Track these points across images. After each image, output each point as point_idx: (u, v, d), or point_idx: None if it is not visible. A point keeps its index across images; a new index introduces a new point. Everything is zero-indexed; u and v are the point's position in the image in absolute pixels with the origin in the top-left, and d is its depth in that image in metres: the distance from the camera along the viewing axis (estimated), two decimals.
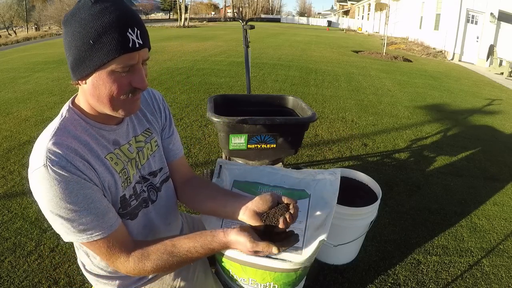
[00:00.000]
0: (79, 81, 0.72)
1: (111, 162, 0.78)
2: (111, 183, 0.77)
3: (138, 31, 0.68)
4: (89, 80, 0.70)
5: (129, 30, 0.67)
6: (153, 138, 0.93)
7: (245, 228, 0.77)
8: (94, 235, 0.71)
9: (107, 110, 0.74)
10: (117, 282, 0.91)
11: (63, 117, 0.75)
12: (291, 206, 0.78)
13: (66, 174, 0.67)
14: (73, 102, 0.79)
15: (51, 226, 0.72)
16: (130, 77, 0.71)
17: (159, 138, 0.97)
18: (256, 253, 0.75)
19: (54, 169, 0.66)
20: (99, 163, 0.75)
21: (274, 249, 0.74)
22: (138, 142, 0.88)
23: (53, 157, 0.66)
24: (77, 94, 0.79)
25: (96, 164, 0.74)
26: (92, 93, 0.72)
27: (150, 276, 0.93)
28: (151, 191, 0.92)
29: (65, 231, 0.71)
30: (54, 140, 0.69)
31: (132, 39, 0.67)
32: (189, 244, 0.77)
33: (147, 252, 0.76)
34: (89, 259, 0.87)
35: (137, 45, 0.68)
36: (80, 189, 0.68)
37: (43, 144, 0.69)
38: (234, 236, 0.75)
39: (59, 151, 0.67)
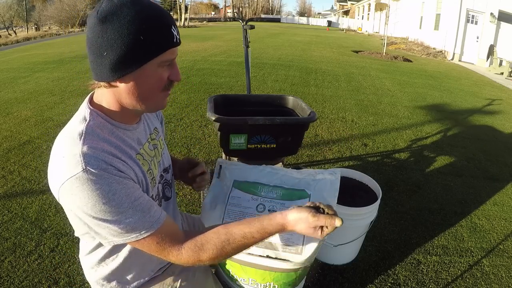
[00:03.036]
0: (118, 80, 0.70)
1: (140, 162, 0.79)
2: (143, 183, 0.78)
3: (176, 29, 0.74)
4: (130, 77, 0.70)
5: (172, 27, 0.72)
6: (160, 136, 0.96)
7: (303, 207, 0.78)
8: (142, 232, 0.70)
9: (142, 107, 0.75)
10: (121, 285, 0.91)
11: (87, 121, 0.72)
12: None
13: (107, 176, 0.66)
14: (91, 104, 0.77)
15: (51, 226, 0.71)
16: (169, 71, 0.75)
17: (163, 137, 1.00)
18: (315, 230, 0.75)
19: (95, 172, 0.64)
20: (133, 163, 0.75)
21: (338, 221, 0.74)
22: (153, 140, 0.90)
23: (92, 161, 0.65)
24: (92, 96, 0.78)
25: (131, 164, 0.74)
26: (130, 91, 0.72)
27: (147, 279, 0.93)
28: (166, 188, 0.94)
29: (111, 233, 0.69)
30: (88, 145, 0.67)
31: (175, 35, 0.72)
32: (244, 230, 0.76)
33: (200, 242, 0.75)
34: (99, 260, 0.86)
35: (178, 41, 0.74)
36: (122, 189, 0.67)
37: (74, 150, 0.66)
38: (294, 215, 0.75)
39: (96, 155, 0.66)
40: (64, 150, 0.68)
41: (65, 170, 0.65)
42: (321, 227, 0.76)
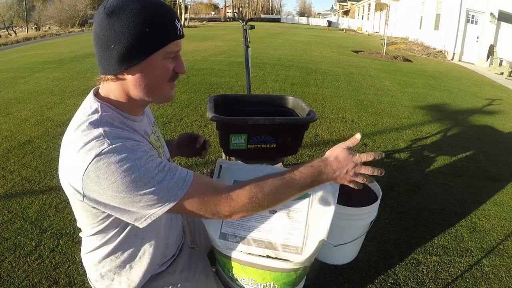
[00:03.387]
0: (125, 72, 0.73)
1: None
2: None
3: (180, 23, 0.77)
4: (137, 69, 0.73)
5: (176, 20, 0.75)
6: (159, 130, 0.99)
7: None
8: (178, 192, 0.70)
9: (150, 98, 0.78)
10: (128, 279, 0.91)
11: (100, 112, 0.74)
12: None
13: (131, 146, 0.69)
14: (99, 98, 0.78)
15: (51, 226, 0.72)
16: (174, 63, 0.78)
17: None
18: (348, 150, 0.84)
19: (119, 144, 0.67)
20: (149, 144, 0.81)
21: (357, 134, 0.87)
22: (155, 132, 0.94)
23: (113, 138, 0.68)
24: (97, 90, 0.80)
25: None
26: (137, 82, 0.74)
27: (152, 274, 0.94)
28: None
29: (148, 205, 0.69)
30: (105, 126, 0.70)
31: (179, 28, 0.75)
32: (276, 173, 0.80)
33: (248, 180, 0.77)
34: (105, 256, 0.86)
35: (182, 34, 0.77)
36: (145, 155, 0.70)
37: (94, 134, 0.68)
38: (329, 152, 0.86)
39: (116, 133, 0.70)
40: (82, 140, 0.68)
41: (88, 155, 0.66)
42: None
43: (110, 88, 0.77)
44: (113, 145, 0.67)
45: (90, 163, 0.65)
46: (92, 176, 0.65)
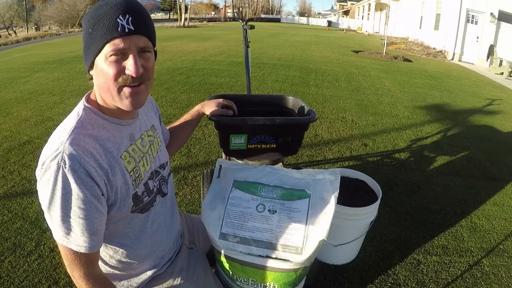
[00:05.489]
0: (90, 73, 0.76)
1: (125, 161, 0.80)
2: (122, 183, 0.78)
3: (130, 18, 0.70)
4: (93, 71, 0.75)
5: (120, 16, 0.69)
6: (157, 134, 0.98)
7: None
8: (63, 241, 0.73)
9: (111, 100, 0.76)
10: (125, 282, 0.92)
11: (79, 116, 0.76)
12: None
13: (74, 179, 0.68)
14: (88, 100, 0.80)
15: None
16: (125, 63, 0.72)
17: (161, 134, 1.03)
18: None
19: (65, 171, 0.68)
20: (113, 164, 0.76)
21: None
22: (149, 136, 0.93)
23: (67, 159, 0.68)
24: (92, 91, 0.82)
25: (110, 167, 0.75)
26: (97, 83, 0.75)
27: (149, 274, 0.94)
28: (162, 184, 0.95)
29: (51, 225, 0.73)
30: (71, 140, 0.70)
31: (122, 24, 0.69)
32: None
33: (90, 281, 0.78)
34: (106, 259, 0.89)
35: (127, 30, 0.69)
36: (77, 200, 0.70)
37: (59, 142, 0.70)
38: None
39: (74, 153, 0.69)
40: (53, 141, 0.72)
41: (45, 159, 0.70)
42: None
43: (95, 89, 0.79)
44: (61, 170, 0.68)
45: (46, 169, 0.70)
46: (41, 177, 0.71)
